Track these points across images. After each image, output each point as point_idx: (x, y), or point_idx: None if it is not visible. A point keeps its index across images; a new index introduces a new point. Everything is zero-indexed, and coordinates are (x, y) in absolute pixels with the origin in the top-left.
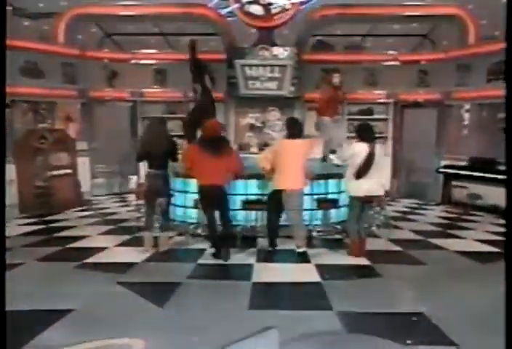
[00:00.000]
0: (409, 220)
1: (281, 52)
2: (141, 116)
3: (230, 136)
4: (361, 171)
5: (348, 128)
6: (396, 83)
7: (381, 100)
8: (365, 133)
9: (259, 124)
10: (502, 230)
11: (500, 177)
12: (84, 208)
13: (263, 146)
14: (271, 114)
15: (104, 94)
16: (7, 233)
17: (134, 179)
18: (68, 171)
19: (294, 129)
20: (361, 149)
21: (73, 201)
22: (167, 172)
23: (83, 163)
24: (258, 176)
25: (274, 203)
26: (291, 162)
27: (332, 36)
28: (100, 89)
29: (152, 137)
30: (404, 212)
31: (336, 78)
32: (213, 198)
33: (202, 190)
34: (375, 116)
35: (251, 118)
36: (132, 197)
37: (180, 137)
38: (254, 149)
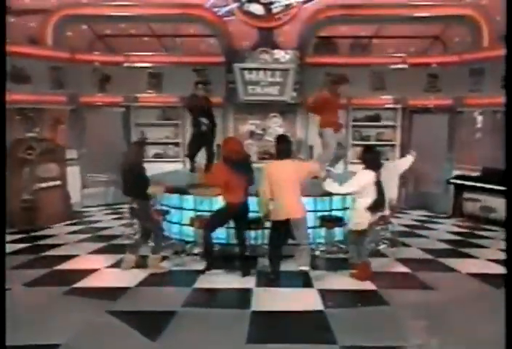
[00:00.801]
0: (418, 236)
1: (283, 55)
2: (135, 122)
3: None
4: (377, 206)
5: (353, 135)
6: (404, 88)
7: (389, 106)
8: (371, 161)
9: (259, 131)
10: None
11: None
12: (73, 222)
13: (264, 154)
14: (272, 121)
15: (95, 100)
16: None
17: None
18: (57, 183)
19: (282, 149)
20: (369, 179)
21: (62, 215)
22: (141, 199)
23: (72, 173)
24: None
25: (275, 235)
26: (284, 187)
27: (337, 38)
28: (91, 94)
29: (124, 160)
30: (413, 226)
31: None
32: (241, 215)
33: (231, 208)
34: (382, 123)
35: (251, 124)
36: (125, 208)
37: (176, 144)
38: (253, 157)
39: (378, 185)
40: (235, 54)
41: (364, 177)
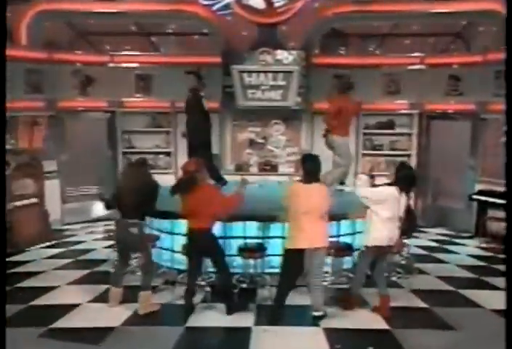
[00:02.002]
0: (437, 261)
1: (286, 56)
2: (121, 130)
3: (225, 153)
4: (407, 230)
5: (363, 144)
6: (421, 91)
7: (404, 111)
8: (405, 180)
9: (260, 140)
10: None
11: None
12: (53, 243)
13: (264, 166)
14: (274, 128)
15: (76, 105)
16: None
17: None
18: (34, 200)
19: (310, 170)
20: (393, 195)
21: (40, 236)
22: (142, 223)
23: (51, 187)
24: (258, 217)
25: (288, 267)
26: (310, 215)
27: (347, 35)
28: (71, 99)
29: (128, 181)
30: (431, 248)
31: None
32: (203, 245)
33: (190, 235)
34: (397, 130)
35: (250, 132)
36: (111, 225)
37: (167, 154)
38: (253, 169)
39: (409, 210)
40: (233, 54)
41: (389, 190)
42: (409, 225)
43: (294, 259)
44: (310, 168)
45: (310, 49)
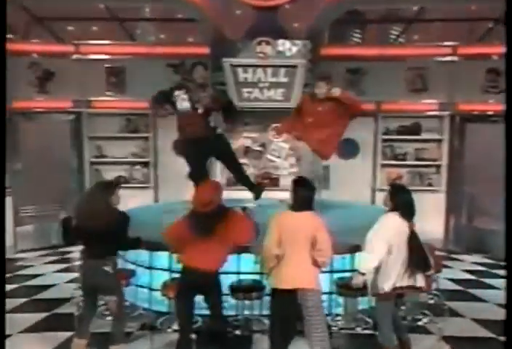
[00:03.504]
0: (473, 298)
1: (289, 47)
2: (89, 135)
3: (214, 164)
4: (419, 266)
5: (383, 153)
6: (454, 89)
7: (432, 113)
8: (405, 205)
9: (257, 148)
10: None
11: None
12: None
13: (263, 179)
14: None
15: (34, 105)
16: None
17: None
18: None
19: (301, 197)
20: (400, 227)
21: None
22: (113, 260)
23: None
24: (255, 247)
25: (275, 310)
26: (297, 248)
27: (361, 22)
28: (27, 98)
29: (87, 208)
30: (465, 282)
31: (320, 89)
32: (205, 287)
33: (188, 274)
34: (423, 136)
35: (245, 139)
36: (77, 251)
37: (145, 164)
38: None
39: (415, 238)
40: (224, 44)
41: (393, 223)
42: (419, 256)
43: (282, 301)
44: (300, 194)
45: (318, 38)
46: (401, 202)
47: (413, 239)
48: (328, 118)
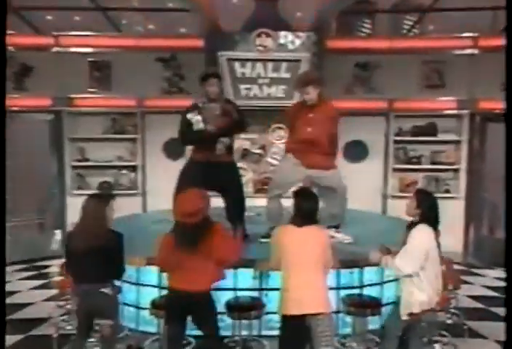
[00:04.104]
0: (496, 318)
1: (292, 39)
2: (70, 136)
3: None
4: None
5: (395, 156)
6: (473, 85)
7: (450, 111)
8: (433, 212)
9: (256, 150)
10: None
11: None
12: None
13: (263, 185)
14: (276, 135)
15: (9, 103)
16: None
17: (58, 235)
18: None
19: (304, 209)
20: (431, 240)
21: None
22: (110, 283)
23: None
24: (254, 261)
25: (284, 336)
26: (303, 268)
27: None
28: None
29: (81, 228)
30: (487, 299)
31: (310, 95)
32: (195, 310)
33: (174, 297)
34: (440, 137)
35: (244, 140)
36: (55, 266)
37: (132, 168)
38: (248, 190)
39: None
40: (220, 37)
41: (429, 237)
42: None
43: (290, 327)
44: (303, 206)
45: (324, 30)
46: (430, 210)
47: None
48: (321, 125)
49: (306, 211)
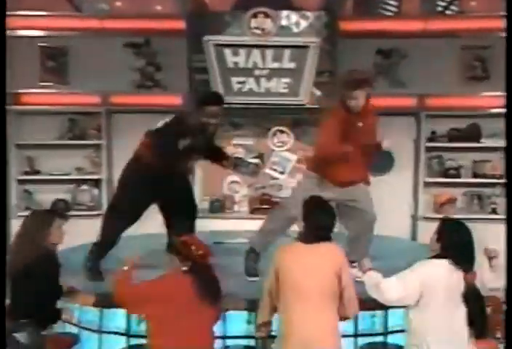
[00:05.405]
0: None
1: (296, 21)
2: (16, 142)
3: (195, 182)
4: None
5: (428, 166)
6: None
7: (496, 110)
8: (463, 250)
9: (252, 160)
10: None
11: None
12: None
13: (261, 203)
14: (276, 140)
15: None
16: None
17: None
18: None
19: (316, 223)
20: (448, 280)
21: None
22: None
23: None
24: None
25: None
26: (309, 297)
27: None
28: None
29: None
30: None
31: (358, 100)
32: None
33: None
34: (484, 143)
35: (236, 147)
36: None
37: (95, 183)
38: (241, 209)
39: (473, 294)
40: (206, 17)
41: (435, 271)
42: (477, 318)
43: None
44: (316, 218)
45: (337, 9)
46: (454, 246)
47: (470, 296)
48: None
49: (319, 224)
